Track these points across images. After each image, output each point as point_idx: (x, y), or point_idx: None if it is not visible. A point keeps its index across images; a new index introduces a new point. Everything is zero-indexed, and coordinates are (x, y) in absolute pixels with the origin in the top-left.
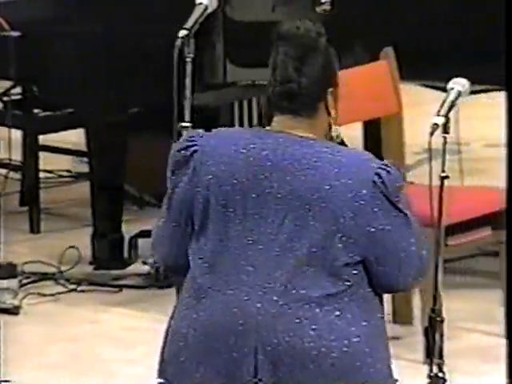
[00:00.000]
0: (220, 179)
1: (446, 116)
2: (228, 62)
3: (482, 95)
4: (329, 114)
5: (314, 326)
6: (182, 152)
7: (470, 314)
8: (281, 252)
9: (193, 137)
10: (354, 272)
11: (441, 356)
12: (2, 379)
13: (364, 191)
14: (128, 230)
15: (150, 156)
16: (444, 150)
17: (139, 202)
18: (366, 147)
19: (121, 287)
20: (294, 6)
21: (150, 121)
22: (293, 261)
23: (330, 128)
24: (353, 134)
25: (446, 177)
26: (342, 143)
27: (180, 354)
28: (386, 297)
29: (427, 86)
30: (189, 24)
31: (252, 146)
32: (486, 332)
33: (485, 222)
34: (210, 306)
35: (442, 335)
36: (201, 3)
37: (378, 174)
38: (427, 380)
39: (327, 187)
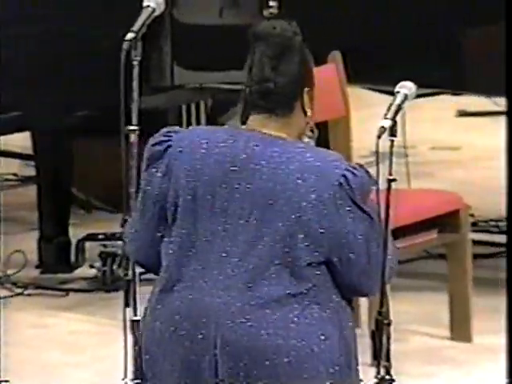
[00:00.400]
0: (191, 176)
1: (393, 119)
2: (175, 65)
3: (428, 98)
4: (305, 113)
5: (271, 325)
6: (157, 147)
7: (416, 316)
8: (245, 249)
9: (168, 132)
10: (317, 273)
11: (388, 358)
12: None
13: (329, 192)
14: (75, 233)
15: (97, 159)
16: (391, 153)
17: (86, 206)
18: None
19: (67, 291)
20: (242, 9)
21: (98, 124)
22: (255, 259)
23: (311, 130)
24: None
25: (393, 180)
26: (318, 145)
27: (149, 348)
28: None
29: (374, 90)
30: (136, 27)
31: (223, 144)
32: (433, 334)
33: (431, 224)
34: (176, 299)
35: (388, 338)
36: (148, 6)
37: (344, 176)
38: (374, 382)
39: (292, 187)
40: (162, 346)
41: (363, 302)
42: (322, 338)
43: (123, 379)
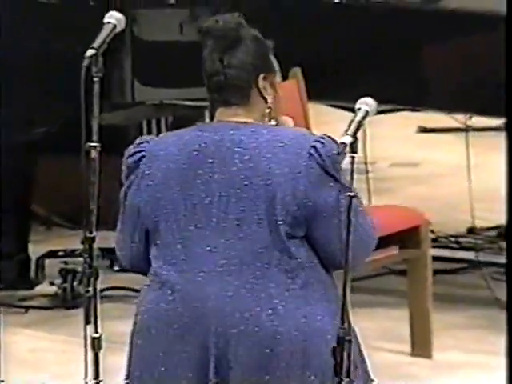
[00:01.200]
0: (168, 177)
1: (354, 136)
2: (136, 82)
3: (389, 115)
4: (265, 100)
5: (270, 308)
6: (130, 158)
7: (377, 332)
8: (231, 236)
9: (140, 143)
10: (302, 249)
11: (348, 375)
12: None
13: (300, 163)
14: (35, 250)
15: (58, 176)
16: (352, 170)
17: (47, 223)
18: None
19: (27, 308)
20: (201, 25)
21: (59, 140)
22: (242, 243)
23: (276, 120)
24: None
25: (354, 196)
26: None
27: (145, 348)
28: None
29: (335, 106)
30: (96, 43)
31: (192, 139)
32: (393, 350)
33: (392, 240)
34: (171, 295)
35: (349, 354)
36: (109, 22)
37: (313, 147)
38: None
39: (266, 165)
40: (159, 345)
41: None
42: (324, 319)
43: None
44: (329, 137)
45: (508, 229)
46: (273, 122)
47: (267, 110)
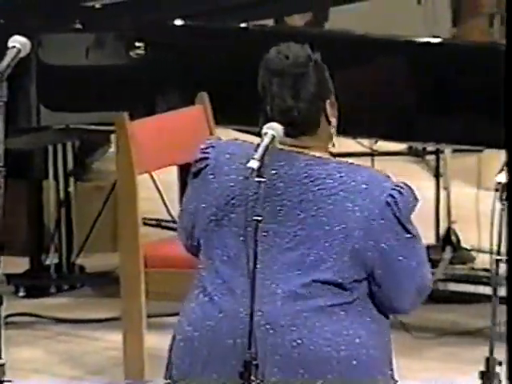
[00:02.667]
0: (232, 190)
1: (261, 160)
2: (42, 106)
3: None
4: (329, 122)
5: (325, 330)
6: (197, 164)
7: None
8: (292, 266)
9: (206, 148)
10: (359, 287)
11: None
12: None
13: (376, 211)
14: None
15: None
16: (260, 194)
17: None
18: (182, 192)
19: None
20: (108, 50)
21: None
22: (304, 273)
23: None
24: (168, 178)
25: (261, 221)
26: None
27: (185, 357)
28: None
29: (242, 131)
30: (1, 68)
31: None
32: None
33: None
34: (219, 310)
35: (257, 376)
36: (14, 46)
37: (391, 195)
38: None
39: (340, 206)
40: (201, 357)
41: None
42: (371, 348)
43: None
44: (406, 184)
45: (508, 228)
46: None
47: (332, 131)
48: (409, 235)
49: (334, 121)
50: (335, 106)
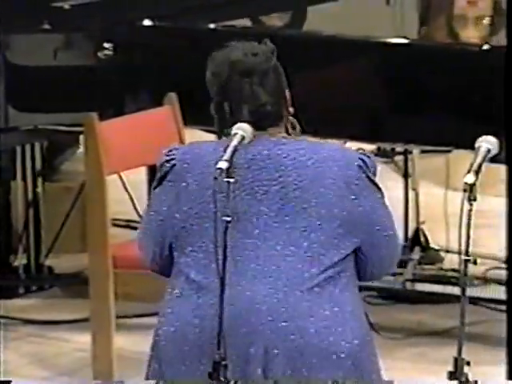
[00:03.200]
0: (203, 184)
1: (230, 161)
2: (10, 107)
3: None
4: (288, 112)
5: (325, 314)
6: (163, 168)
7: None
8: (283, 249)
9: (170, 151)
10: (346, 259)
11: None
12: None
13: (352, 176)
14: None
15: None
16: (228, 195)
17: None
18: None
19: None
20: (76, 51)
21: None
22: (291, 262)
23: (293, 127)
24: (138, 178)
25: (230, 221)
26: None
27: (182, 353)
28: None
29: (210, 131)
30: None
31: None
32: None
33: None
34: (213, 302)
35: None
36: None
37: (361, 159)
38: None
39: (318, 176)
40: (200, 350)
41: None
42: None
43: None
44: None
45: (508, 229)
46: (292, 132)
47: (290, 118)
48: (379, 191)
49: (291, 110)
50: (290, 96)
